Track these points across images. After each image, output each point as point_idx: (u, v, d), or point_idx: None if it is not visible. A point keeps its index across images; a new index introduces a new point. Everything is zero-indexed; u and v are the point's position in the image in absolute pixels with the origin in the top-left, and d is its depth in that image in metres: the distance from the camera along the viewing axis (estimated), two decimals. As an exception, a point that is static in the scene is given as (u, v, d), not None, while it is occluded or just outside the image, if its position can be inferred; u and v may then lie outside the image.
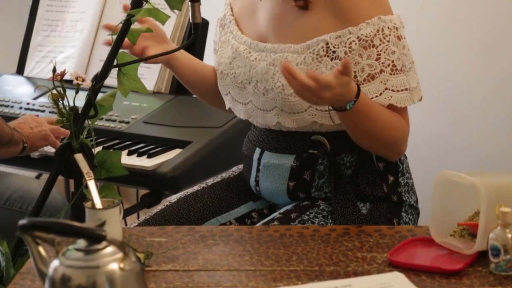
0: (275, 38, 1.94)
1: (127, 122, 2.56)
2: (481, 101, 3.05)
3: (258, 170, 2.02)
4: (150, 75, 2.72)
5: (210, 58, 2.33)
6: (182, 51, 2.09)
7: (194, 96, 2.75)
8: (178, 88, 2.73)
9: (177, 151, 2.41)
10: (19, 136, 2.31)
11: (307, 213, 1.94)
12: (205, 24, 2.64)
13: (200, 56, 2.71)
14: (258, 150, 2.02)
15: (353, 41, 1.85)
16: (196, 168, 2.36)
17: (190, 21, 1.82)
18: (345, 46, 1.86)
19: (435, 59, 3.08)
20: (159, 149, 2.42)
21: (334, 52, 1.87)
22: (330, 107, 1.84)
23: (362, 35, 1.85)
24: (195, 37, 1.82)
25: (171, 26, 2.70)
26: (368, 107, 1.82)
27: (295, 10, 1.91)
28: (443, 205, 1.68)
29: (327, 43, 1.87)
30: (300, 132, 1.96)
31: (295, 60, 1.88)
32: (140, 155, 2.40)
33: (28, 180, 2.44)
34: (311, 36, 1.89)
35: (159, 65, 2.72)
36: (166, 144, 2.45)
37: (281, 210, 1.98)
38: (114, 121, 2.58)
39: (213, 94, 2.13)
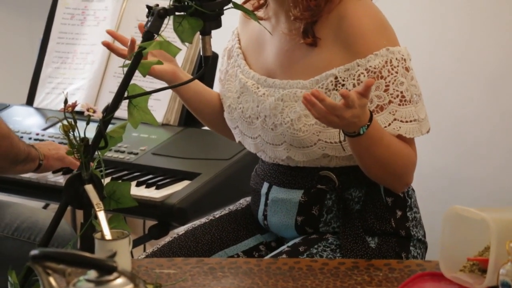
0: (283, 74, 1.95)
1: (136, 154, 2.57)
2: (490, 134, 3.05)
3: (266, 204, 2.02)
4: (159, 107, 2.73)
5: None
6: (188, 75, 2.10)
7: (203, 128, 2.77)
8: (187, 120, 2.74)
9: (185, 183, 2.41)
10: (36, 153, 2.33)
11: (316, 246, 1.94)
12: (214, 57, 2.66)
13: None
14: (266, 185, 2.03)
15: (362, 73, 1.86)
16: (204, 200, 2.36)
17: (201, 54, 1.83)
18: (354, 79, 1.87)
19: (443, 91, 3.09)
20: (167, 180, 2.43)
21: (343, 85, 1.87)
22: (342, 138, 1.84)
23: (370, 66, 1.86)
24: (205, 70, 1.83)
25: (181, 59, 2.72)
26: (379, 134, 1.83)
27: (304, 46, 1.92)
28: (453, 239, 1.67)
29: (336, 77, 1.88)
30: (308, 168, 1.96)
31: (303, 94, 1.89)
32: (148, 186, 2.40)
33: (35, 210, 2.45)
34: (320, 71, 1.89)
35: (168, 98, 2.74)
36: (175, 176, 2.45)
37: (289, 243, 1.98)
38: (123, 152, 2.58)
39: (220, 122, 2.13)
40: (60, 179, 2.48)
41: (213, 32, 1.77)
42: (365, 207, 1.94)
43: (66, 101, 1.71)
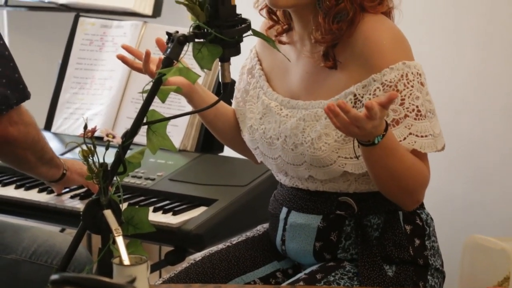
0: (307, 95, 1.96)
1: (153, 179, 2.58)
2: (504, 159, 3.04)
3: (284, 229, 2.02)
4: (176, 133, 2.74)
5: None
6: (204, 90, 2.11)
7: (220, 154, 2.77)
8: (203, 146, 2.75)
9: (202, 209, 2.41)
10: (60, 162, 2.36)
11: (333, 274, 1.93)
12: (232, 83, 2.67)
13: (227, 115, 2.73)
14: (284, 210, 2.03)
15: (378, 87, 1.87)
16: (221, 226, 2.36)
17: (220, 80, 1.84)
18: (370, 94, 1.87)
19: (458, 117, 3.08)
20: (184, 206, 2.43)
21: (360, 101, 1.88)
22: (358, 152, 1.84)
23: (386, 80, 1.86)
24: (224, 96, 1.84)
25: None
26: (394, 145, 1.82)
27: (325, 68, 1.93)
28: (472, 269, 1.67)
29: (354, 95, 1.89)
30: (327, 193, 1.96)
31: (324, 114, 1.90)
32: (165, 212, 2.41)
33: (52, 234, 2.45)
34: (340, 90, 1.90)
35: (185, 124, 2.75)
36: (192, 202, 2.45)
37: (307, 271, 1.97)
38: (140, 178, 2.59)
39: (238, 139, 2.14)
40: (77, 204, 2.48)
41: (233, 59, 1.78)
42: (384, 235, 1.94)
43: (86, 127, 1.72)
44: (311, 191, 1.98)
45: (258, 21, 2.04)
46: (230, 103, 2.74)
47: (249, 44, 2.10)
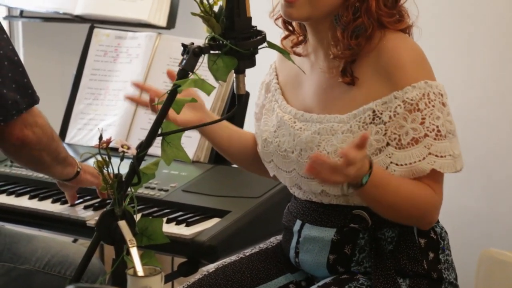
0: (321, 109, 1.96)
1: (166, 190, 2.58)
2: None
3: (298, 242, 2.02)
4: (189, 144, 2.74)
5: (250, 128, 2.35)
6: (217, 118, 2.12)
7: (233, 166, 2.77)
8: (217, 157, 2.75)
9: (215, 220, 2.41)
10: (73, 160, 2.38)
11: (346, 286, 1.92)
12: (247, 95, 2.67)
13: (240, 127, 2.73)
14: (298, 222, 2.02)
15: (399, 105, 1.86)
16: (234, 237, 2.36)
17: (234, 92, 1.84)
18: (391, 111, 1.87)
19: (471, 130, 3.08)
20: (197, 217, 2.43)
21: (379, 117, 1.88)
22: (346, 190, 1.84)
23: (407, 98, 1.86)
24: (239, 108, 1.84)
25: (212, 97, 2.74)
26: (384, 180, 1.83)
27: (342, 84, 1.93)
28: (487, 283, 1.66)
29: (373, 111, 1.88)
30: (341, 206, 1.96)
31: (341, 128, 1.90)
32: (178, 223, 2.41)
33: (66, 244, 2.46)
34: (358, 106, 1.90)
35: (199, 135, 2.75)
36: (205, 213, 2.45)
37: (320, 283, 1.97)
38: (153, 189, 2.59)
39: (251, 160, 2.14)
40: (90, 215, 2.48)
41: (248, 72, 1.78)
42: (398, 248, 1.93)
43: (101, 137, 1.73)
44: (325, 204, 1.98)
45: (275, 32, 2.04)
46: (244, 115, 2.75)
47: (270, 59, 2.11)
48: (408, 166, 1.86)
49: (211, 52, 1.75)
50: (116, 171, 1.74)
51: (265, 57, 1.95)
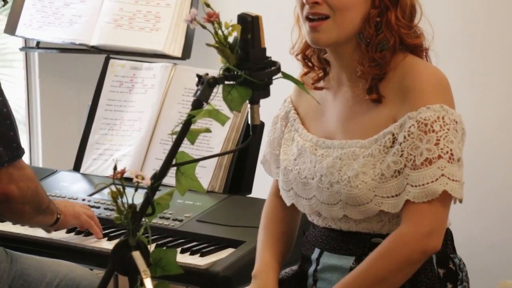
0: (343, 135, 1.97)
1: (181, 220, 2.58)
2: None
3: (316, 270, 2.01)
4: (204, 174, 2.74)
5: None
6: None
7: (248, 196, 2.77)
8: (231, 187, 2.75)
9: (230, 250, 2.40)
10: (54, 207, 2.38)
11: (364, 315, 1.91)
12: (261, 125, 2.67)
13: (255, 157, 2.73)
14: (317, 251, 2.02)
15: (412, 125, 1.87)
16: (249, 268, 2.34)
17: (249, 122, 1.84)
18: (405, 131, 1.87)
19: (481, 154, 3.06)
20: (211, 248, 2.43)
21: (396, 139, 1.88)
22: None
23: (421, 118, 1.87)
24: (253, 138, 1.84)
25: (227, 127, 2.74)
26: None
27: (365, 106, 1.94)
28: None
29: (393, 134, 1.89)
30: (360, 234, 1.95)
31: (362, 153, 1.90)
32: (193, 253, 2.40)
33: (72, 267, 2.46)
34: (379, 129, 1.91)
35: (213, 165, 2.75)
36: (219, 243, 2.45)
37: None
38: (167, 219, 2.59)
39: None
40: (105, 245, 2.49)
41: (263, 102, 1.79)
42: (417, 277, 1.92)
43: (115, 168, 1.73)
44: (344, 232, 1.97)
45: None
46: (259, 145, 2.75)
47: (283, 93, 2.12)
48: (422, 187, 1.86)
49: (226, 82, 1.76)
50: (130, 202, 1.74)
51: (280, 88, 1.96)
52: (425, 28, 1.99)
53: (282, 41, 2.09)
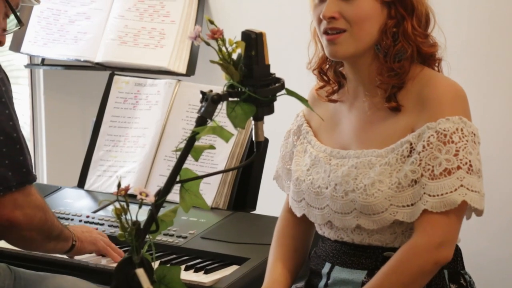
0: (358, 145, 1.97)
1: (185, 237, 2.57)
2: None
3: (326, 284, 2.00)
4: (208, 191, 2.74)
5: (268, 174, 2.35)
6: None
7: (252, 212, 2.76)
8: (236, 204, 2.74)
9: (234, 267, 2.40)
10: (69, 233, 2.35)
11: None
12: (265, 142, 2.67)
13: (259, 174, 2.73)
14: (328, 265, 2.01)
15: (432, 135, 1.87)
16: (253, 285, 2.34)
17: (253, 139, 1.84)
18: (424, 141, 1.88)
19: (488, 167, 3.05)
20: (216, 265, 2.42)
21: (415, 149, 1.88)
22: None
23: (440, 128, 1.87)
24: (257, 155, 1.83)
25: (231, 143, 2.74)
26: None
27: (383, 115, 1.95)
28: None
29: (411, 144, 1.89)
30: (373, 246, 1.94)
31: (378, 162, 1.91)
32: (197, 270, 2.39)
33: (77, 282, 2.45)
34: (396, 139, 1.91)
35: (217, 182, 2.75)
36: (223, 260, 2.44)
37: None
38: (171, 235, 2.59)
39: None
40: (112, 263, 2.48)
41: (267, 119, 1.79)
42: (429, 291, 1.92)
43: (119, 185, 1.73)
44: (356, 245, 1.96)
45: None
46: (263, 162, 2.75)
47: (289, 106, 2.11)
48: (440, 197, 1.86)
49: (230, 99, 1.76)
50: (134, 218, 1.74)
51: (284, 104, 1.96)
52: (438, 38, 2.00)
53: (286, 58, 2.09)
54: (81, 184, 2.97)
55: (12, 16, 2.33)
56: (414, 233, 1.89)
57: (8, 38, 3.45)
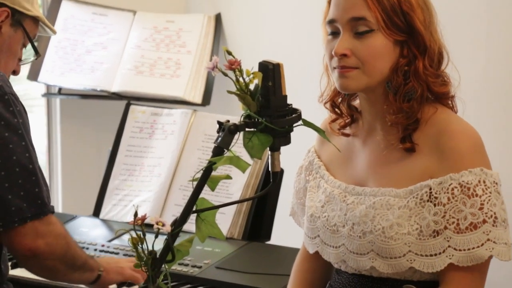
0: (375, 182, 1.95)
1: (200, 267, 2.57)
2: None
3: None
4: (223, 220, 2.74)
5: (284, 205, 2.34)
6: None
7: (267, 243, 2.76)
8: (251, 234, 2.74)
9: (248, 298, 2.39)
10: (94, 263, 2.33)
11: None
12: (281, 172, 2.67)
13: (274, 204, 2.73)
14: (345, 298, 1.99)
15: (455, 187, 1.85)
16: (268, 315, 2.34)
17: (269, 169, 1.84)
18: (447, 192, 1.86)
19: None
20: (230, 295, 2.42)
21: (436, 198, 1.87)
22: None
23: (463, 181, 1.85)
24: (273, 185, 1.83)
25: (247, 173, 2.74)
26: None
27: (399, 155, 1.93)
28: None
29: (430, 188, 1.87)
30: (391, 280, 1.93)
31: (397, 204, 1.88)
32: (212, 300, 2.39)
33: None
34: (414, 181, 1.89)
35: (232, 212, 2.75)
36: (238, 291, 2.44)
37: None
38: (186, 265, 2.58)
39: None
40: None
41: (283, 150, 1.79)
42: None
43: (136, 214, 1.73)
44: (374, 278, 1.94)
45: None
46: (278, 192, 2.75)
47: (303, 140, 2.12)
48: (467, 252, 1.84)
49: (247, 129, 1.76)
50: (150, 248, 1.74)
51: (301, 135, 1.97)
52: (452, 74, 1.98)
53: (303, 89, 2.09)
54: (96, 213, 2.97)
55: (29, 46, 2.34)
56: (440, 285, 1.88)
57: (26, 68, 3.48)
